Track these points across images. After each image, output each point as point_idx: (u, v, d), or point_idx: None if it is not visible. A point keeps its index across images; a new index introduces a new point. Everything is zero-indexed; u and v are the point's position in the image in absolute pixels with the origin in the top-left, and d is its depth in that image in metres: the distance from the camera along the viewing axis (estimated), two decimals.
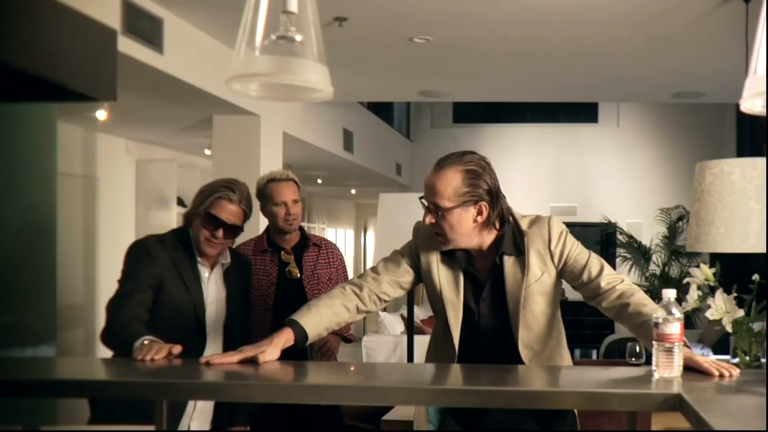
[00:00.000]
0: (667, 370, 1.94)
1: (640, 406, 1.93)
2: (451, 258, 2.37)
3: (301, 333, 2.24)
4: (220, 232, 2.61)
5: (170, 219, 6.97)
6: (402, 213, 4.24)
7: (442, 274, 2.37)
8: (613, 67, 5.73)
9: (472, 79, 6.26)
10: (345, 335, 3.37)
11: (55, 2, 1.92)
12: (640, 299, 2.24)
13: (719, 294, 2.52)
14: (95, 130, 6.37)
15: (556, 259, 2.33)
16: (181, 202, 7.28)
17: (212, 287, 2.71)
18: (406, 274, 2.42)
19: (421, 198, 2.32)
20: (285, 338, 2.21)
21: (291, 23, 1.92)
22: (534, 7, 4.29)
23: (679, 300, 2.09)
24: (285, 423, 3.21)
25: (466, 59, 5.47)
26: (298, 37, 1.93)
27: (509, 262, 2.33)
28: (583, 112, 11.51)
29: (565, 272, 2.35)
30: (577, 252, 2.34)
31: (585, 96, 8.00)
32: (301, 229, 3.41)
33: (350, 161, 8.60)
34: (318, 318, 2.28)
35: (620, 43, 5.00)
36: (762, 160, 2.93)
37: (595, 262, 2.34)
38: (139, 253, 2.60)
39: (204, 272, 2.69)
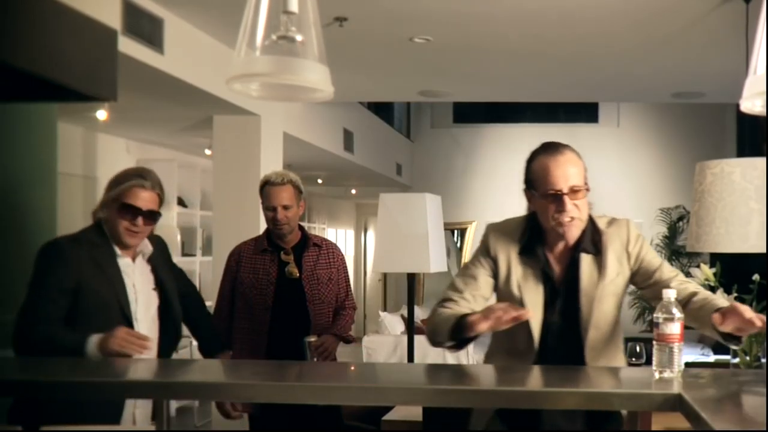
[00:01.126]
0: (667, 370, 1.94)
1: (640, 406, 1.93)
2: (528, 256, 2.36)
3: None
4: (139, 221, 2.56)
5: (170, 219, 6.97)
6: (402, 213, 4.23)
7: (519, 274, 2.35)
8: (613, 67, 5.73)
9: (472, 79, 6.26)
10: (344, 336, 3.36)
11: (55, 2, 1.92)
12: (710, 294, 2.24)
13: (719, 294, 2.53)
14: (95, 130, 6.38)
15: (632, 261, 2.36)
16: (181, 202, 7.28)
17: (139, 278, 2.64)
18: (486, 286, 2.39)
19: (547, 194, 2.28)
20: None
21: (291, 23, 1.92)
22: (534, 7, 4.29)
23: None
24: (285, 423, 3.21)
25: (466, 59, 5.47)
26: (299, 37, 1.93)
27: (586, 261, 2.34)
28: (583, 112, 11.50)
29: (638, 274, 2.36)
30: (652, 255, 2.38)
31: (585, 96, 8.00)
32: (301, 228, 3.41)
33: (350, 161, 8.60)
34: None
35: (620, 43, 5.00)
36: (762, 160, 2.93)
37: (668, 265, 2.38)
38: (52, 257, 2.49)
39: (126, 265, 2.61)
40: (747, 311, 1.97)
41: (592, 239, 2.34)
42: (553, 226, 2.29)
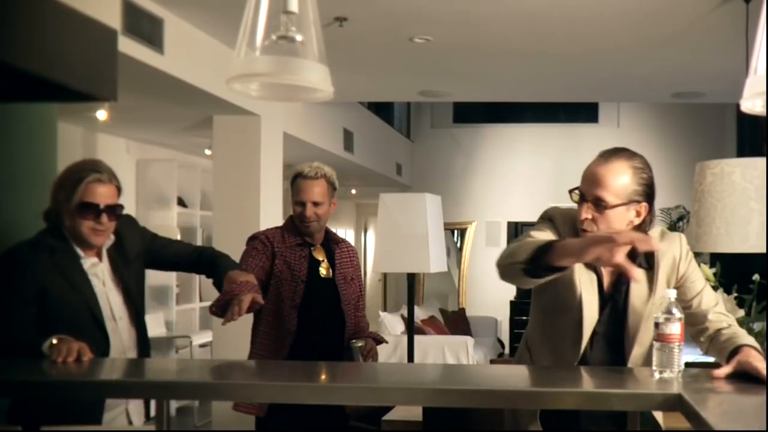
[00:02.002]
0: (667, 370, 1.94)
1: (640, 406, 1.93)
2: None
3: None
4: (103, 218, 2.40)
5: (170, 219, 6.97)
6: (402, 213, 4.24)
7: (580, 266, 2.21)
8: (613, 67, 5.73)
9: (472, 79, 6.26)
10: (380, 339, 3.25)
11: (55, 2, 1.92)
12: (738, 331, 2.16)
13: (720, 294, 2.52)
14: (95, 130, 6.38)
15: (677, 278, 2.26)
16: (181, 202, 7.28)
17: (108, 275, 2.52)
18: None
19: (575, 189, 2.21)
20: None
21: (291, 23, 1.92)
22: (534, 7, 4.29)
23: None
24: (289, 422, 3.11)
25: (466, 59, 5.47)
26: (299, 37, 1.93)
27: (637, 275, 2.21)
28: (583, 112, 11.49)
29: (677, 292, 2.16)
30: (697, 276, 2.27)
31: (585, 96, 8.00)
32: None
33: (350, 161, 8.60)
34: None
35: (620, 43, 5.00)
36: (762, 160, 2.93)
37: (711, 293, 2.28)
38: (10, 266, 2.37)
39: (92, 265, 2.48)
40: (755, 367, 1.95)
41: (645, 253, 2.20)
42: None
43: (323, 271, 3.12)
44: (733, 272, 2.69)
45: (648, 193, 2.19)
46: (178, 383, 2.04)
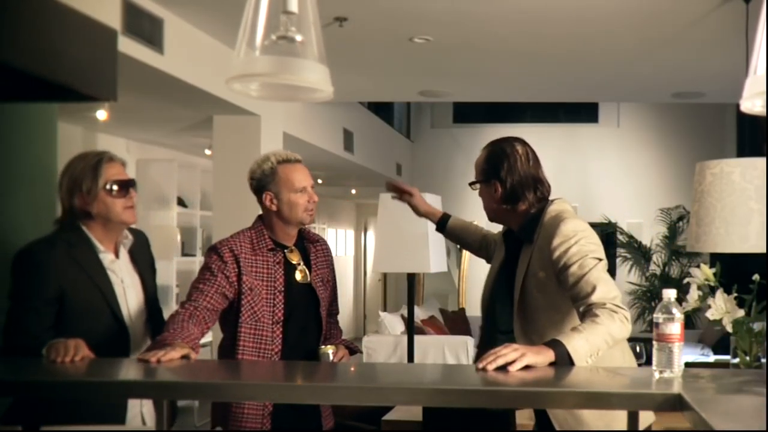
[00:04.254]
0: (667, 370, 1.94)
1: (640, 406, 1.93)
2: (503, 237, 2.57)
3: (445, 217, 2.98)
4: (132, 193, 2.49)
5: (170, 219, 6.96)
6: (402, 213, 4.23)
7: (498, 243, 2.63)
8: (613, 67, 5.73)
9: (472, 79, 6.26)
10: (353, 347, 2.92)
11: (55, 2, 1.92)
12: (598, 318, 2.14)
13: (719, 294, 2.52)
14: (95, 130, 6.38)
15: (552, 263, 2.27)
16: (181, 202, 7.28)
17: (126, 272, 2.51)
18: (482, 239, 2.89)
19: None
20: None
21: (291, 23, 1.92)
22: (534, 7, 4.29)
23: (680, 300, 2.09)
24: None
25: (466, 59, 5.48)
26: (299, 37, 1.93)
27: (525, 249, 2.38)
28: (583, 112, 11.50)
29: (559, 280, 2.28)
30: (578, 265, 2.23)
31: (585, 96, 8.01)
32: None
33: (350, 161, 8.60)
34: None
35: (620, 43, 5.00)
36: (762, 160, 2.92)
37: (591, 281, 2.20)
38: (28, 264, 2.34)
39: (110, 261, 2.47)
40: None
41: (528, 226, 2.37)
42: None
43: (299, 275, 2.75)
44: (733, 272, 2.68)
45: (501, 171, 2.38)
46: (178, 383, 2.04)
